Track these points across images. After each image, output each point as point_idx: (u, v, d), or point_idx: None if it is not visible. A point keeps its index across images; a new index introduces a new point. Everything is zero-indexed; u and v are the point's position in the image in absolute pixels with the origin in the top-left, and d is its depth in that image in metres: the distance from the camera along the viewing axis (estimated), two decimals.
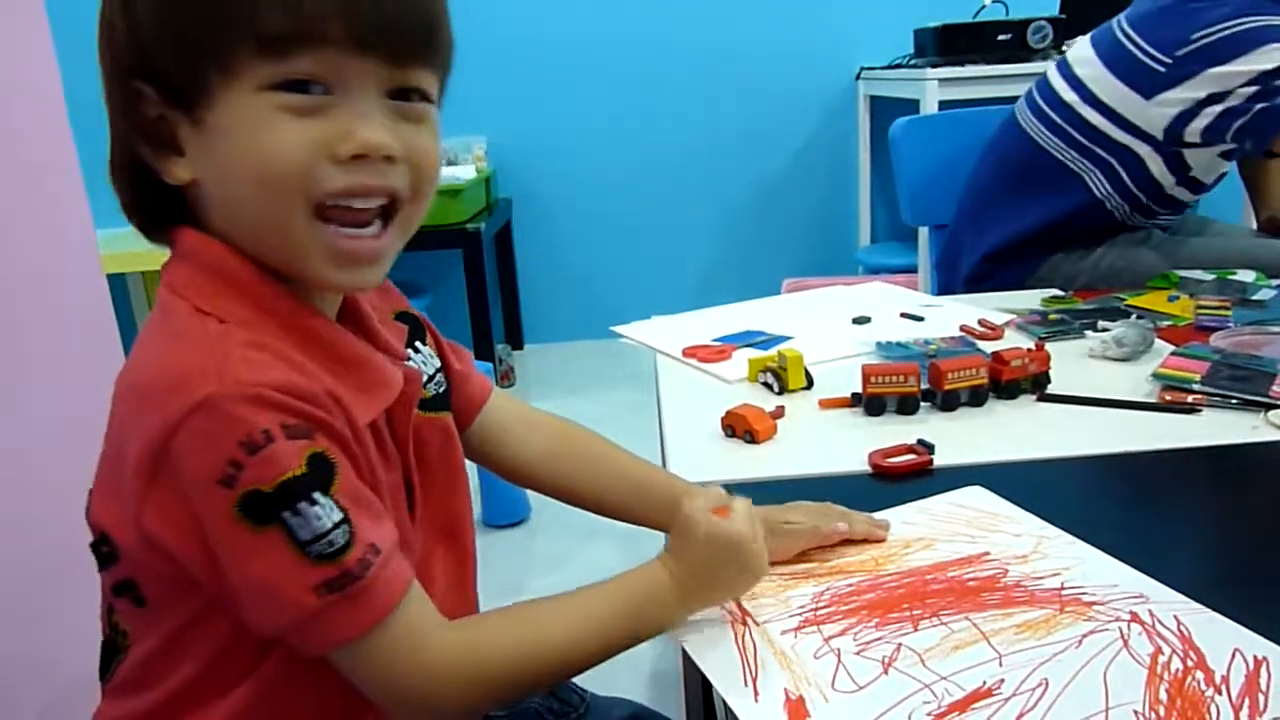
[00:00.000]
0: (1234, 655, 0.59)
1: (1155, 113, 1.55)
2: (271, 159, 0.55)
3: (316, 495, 0.54)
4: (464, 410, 0.79)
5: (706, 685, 0.62)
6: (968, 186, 1.81)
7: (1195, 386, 1.01)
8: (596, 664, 0.63)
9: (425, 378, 0.72)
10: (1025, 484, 0.86)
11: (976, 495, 0.82)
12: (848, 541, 0.75)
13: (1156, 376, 1.05)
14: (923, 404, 1.02)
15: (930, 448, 0.90)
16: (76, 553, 1.51)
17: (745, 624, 0.65)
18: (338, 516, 0.54)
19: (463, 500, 0.73)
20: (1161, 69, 1.56)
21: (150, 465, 0.53)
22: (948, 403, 1.01)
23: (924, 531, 0.76)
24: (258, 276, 0.59)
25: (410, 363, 0.70)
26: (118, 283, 3.16)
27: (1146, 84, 1.56)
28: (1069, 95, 1.64)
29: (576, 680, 0.81)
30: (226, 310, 0.57)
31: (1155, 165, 1.59)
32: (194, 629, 0.59)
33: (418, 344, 0.74)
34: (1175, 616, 0.63)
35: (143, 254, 3.08)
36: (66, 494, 1.60)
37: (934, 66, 2.96)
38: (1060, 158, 1.64)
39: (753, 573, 0.66)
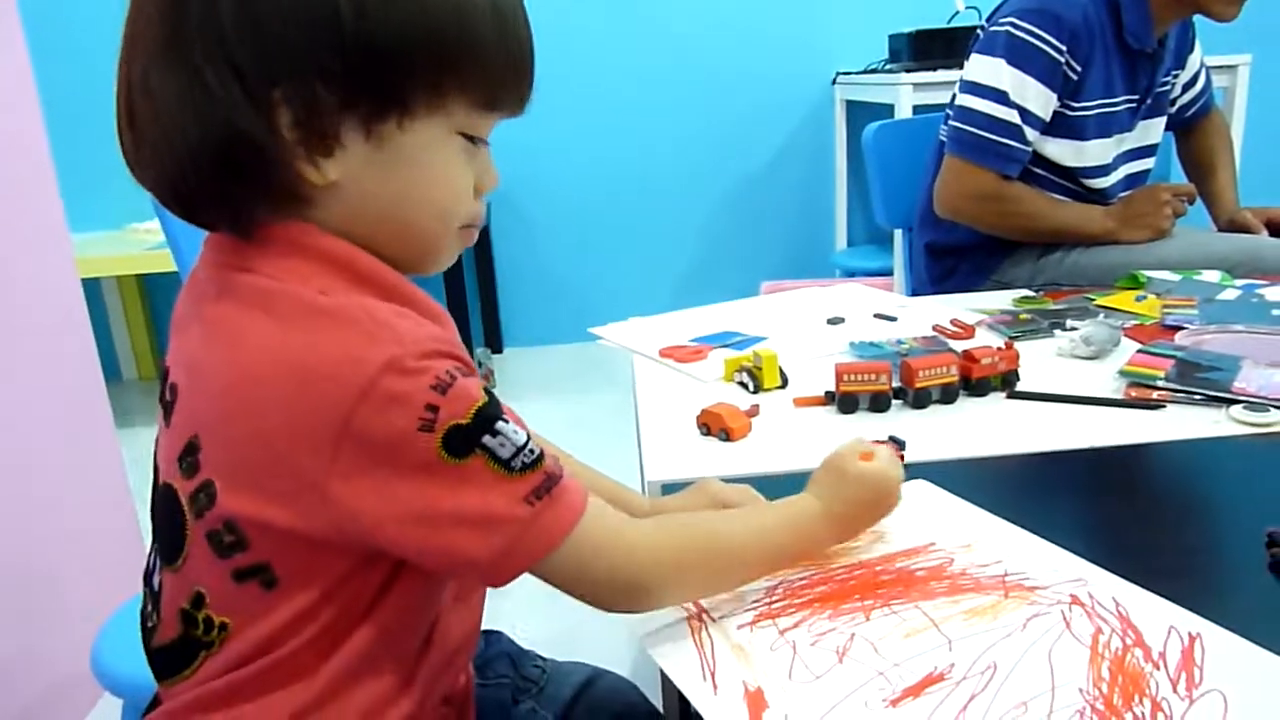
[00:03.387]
0: (1170, 632, 0.61)
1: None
2: (455, 196, 0.64)
3: (504, 418, 0.58)
4: None
5: None
6: (919, 192, 1.84)
7: (1160, 383, 1.03)
8: (767, 571, 0.70)
9: None
10: (994, 479, 0.89)
11: (920, 489, 0.84)
12: None
13: (1123, 374, 1.07)
14: (895, 402, 1.04)
15: (902, 444, 0.91)
16: (67, 552, 1.50)
17: (701, 620, 0.66)
18: (523, 431, 0.59)
19: None
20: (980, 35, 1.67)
21: (334, 438, 0.54)
22: (919, 400, 1.03)
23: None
24: (366, 257, 0.61)
25: None
26: (92, 286, 3.14)
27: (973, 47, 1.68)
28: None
29: (539, 651, 0.86)
30: (339, 290, 0.59)
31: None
32: (321, 603, 0.60)
33: None
34: (1113, 597, 0.65)
35: (118, 258, 3.07)
36: (49, 494, 1.60)
37: (908, 71, 2.99)
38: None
39: (890, 506, 0.74)
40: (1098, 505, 0.86)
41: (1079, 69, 1.58)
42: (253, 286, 0.59)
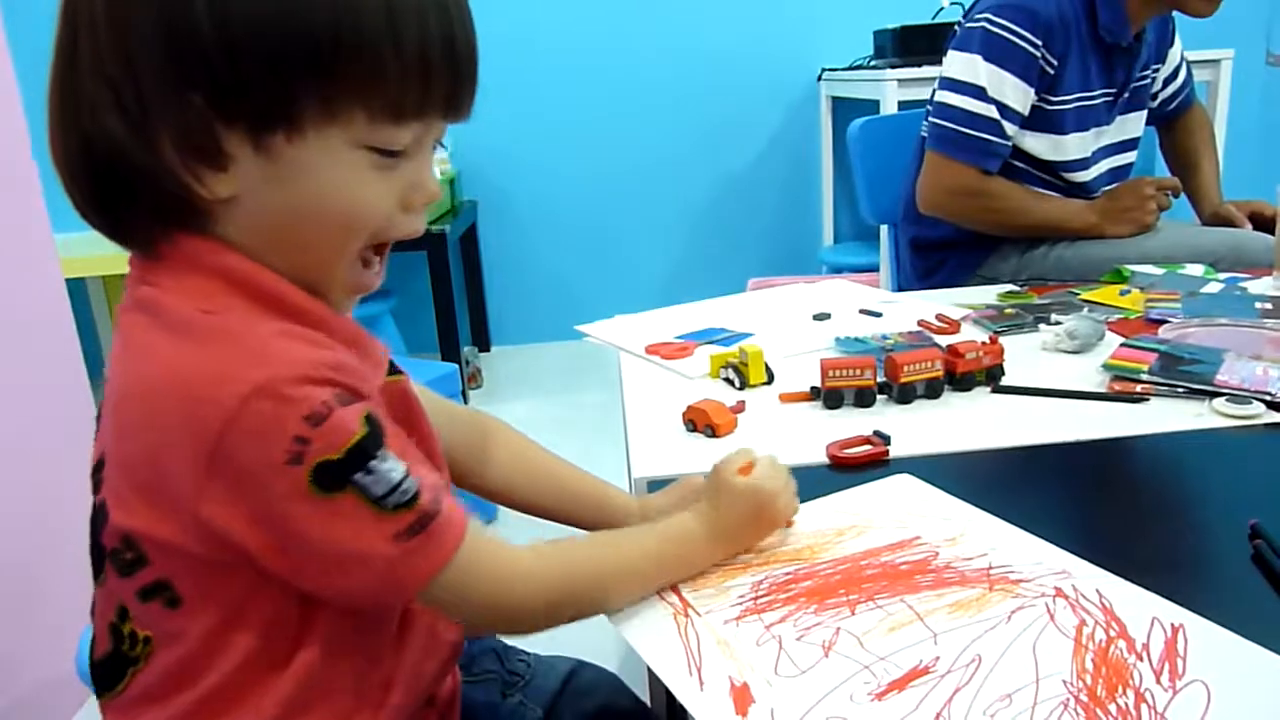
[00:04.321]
0: (1153, 623, 0.62)
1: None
2: (360, 211, 0.60)
3: (381, 452, 0.56)
4: None
5: None
6: (903, 187, 1.85)
7: (1143, 377, 1.04)
8: (645, 594, 0.68)
9: None
10: (979, 473, 0.89)
11: (904, 483, 0.84)
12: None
13: (1106, 367, 1.08)
14: (880, 396, 1.04)
15: (886, 439, 0.92)
16: (51, 551, 1.49)
17: (687, 615, 0.66)
18: (402, 467, 0.57)
19: (439, 459, 0.74)
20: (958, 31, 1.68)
21: (205, 459, 0.53)
22: (904, 395, 1.03)
23: (855, 519, 0.78)
24: (270, 277, 0.59)
25: None
26: (77, 287, 3.12)
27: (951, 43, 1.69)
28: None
29: (523, 645, 0.86)
30: (231, 308, 0.57)
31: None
32: (232, 624, 0.59)
33: None
34: (1097, 590, 0.66)
35: (103, 258, 3.04)
36: (31, 495, 1.59)
37: (893, 68, 2.99)
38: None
39: (772, 518, 0.74)
40: (1082, 498, 0.87)
41: (1055, 63, 1.59)
42: (148, 300, 0.58)
